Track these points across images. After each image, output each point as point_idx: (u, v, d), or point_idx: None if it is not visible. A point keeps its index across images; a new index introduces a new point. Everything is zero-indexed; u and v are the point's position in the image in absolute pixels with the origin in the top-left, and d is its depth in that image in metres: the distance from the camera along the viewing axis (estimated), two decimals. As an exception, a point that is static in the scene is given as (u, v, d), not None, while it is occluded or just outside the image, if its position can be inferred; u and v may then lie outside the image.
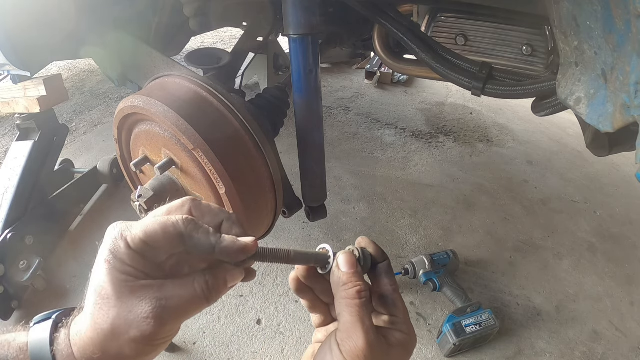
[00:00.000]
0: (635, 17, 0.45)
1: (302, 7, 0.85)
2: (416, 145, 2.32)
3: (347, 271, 0.41)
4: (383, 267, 0.45)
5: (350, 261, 0.42)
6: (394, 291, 0.44)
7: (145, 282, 0.36)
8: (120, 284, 0.35)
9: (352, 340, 0.37)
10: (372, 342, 0.37)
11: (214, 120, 0.86)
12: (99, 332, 0.35)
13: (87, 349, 0.36)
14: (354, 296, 0.39)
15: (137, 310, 0.35)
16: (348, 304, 0.39)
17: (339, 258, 0.42)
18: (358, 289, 0.40)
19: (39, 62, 1.11)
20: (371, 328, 0.38)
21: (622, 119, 0.52)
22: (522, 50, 1.11)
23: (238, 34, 3.85)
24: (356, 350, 0.37)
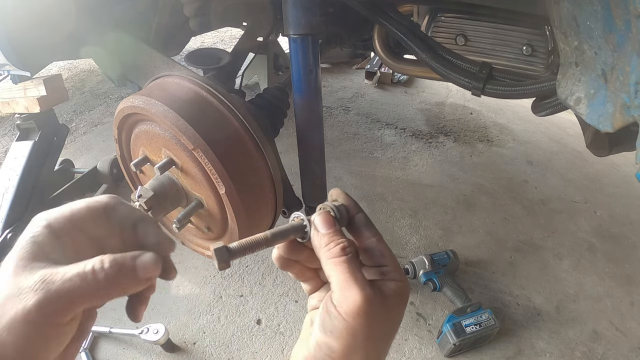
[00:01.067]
0: (635, 17, 0.45)
1: (302, 7, 0.85)
2: (416, 145, 2.32)
3: (326, 231, 0.40)
4: (360, 220, 0.43)
5: (326, 220, 0.41)
6: (378, 241, 0.42)
7: (46, 263, 0.33)
8: (22, 262, 0.33)
9: (349, 298, 0.36)
10: (369, 296, 0.36)
11: (214, 120, 0.86)
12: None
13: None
14: (339, 254, 0.38)
15: (24, 283, 0.32)
16: (335, 263, 0.38)
17: (315, 220, 0.41)
18: (342, 246, 0.38)
19: (39, 62, 1.11)
20: (365, 282, 0.37)
21: (622, 119, 0.52)
22: (522, 50, 1.11)
23: (238, 34, 3.85)
24: (355, 307, 0.35)
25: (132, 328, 1.28)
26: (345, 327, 0.35)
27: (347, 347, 0.35)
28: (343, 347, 0.35)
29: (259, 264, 1.55)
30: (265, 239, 0.40)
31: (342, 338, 0.35)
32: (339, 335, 0.35)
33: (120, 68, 1.14)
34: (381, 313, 0.37)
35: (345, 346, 0.35)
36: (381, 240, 0.42)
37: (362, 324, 0.35)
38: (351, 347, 0.35)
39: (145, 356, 1.24)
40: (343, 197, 0.45)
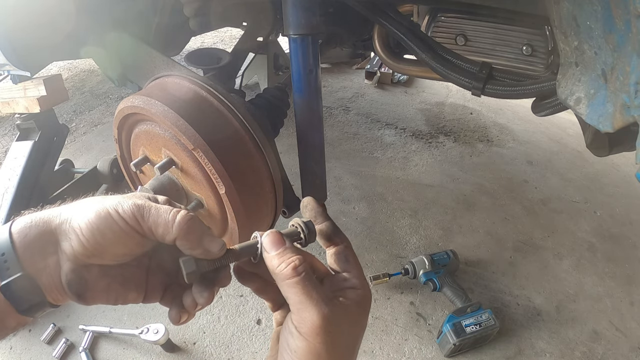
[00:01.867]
0: (635, 17, 0.45)
1: (302, 7, 0.85)
2: (416, 145, 2.32)
3: (275, 252, 0.40)
4: (327, 229, 0.45)
5: (274, 241, 0.41)
6: (345, 247, 0.43)
7: None
8: (109, 232, 0.38)
9: (307, 319, 0.36)
10: (326, 315, 0.36)
11: (214, 120, 0.86)
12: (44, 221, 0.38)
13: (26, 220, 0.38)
14: (291, 274, 0.38)
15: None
16: (289, 285, 0.38)
17: (263, 241, 0.41)
18: (292, 266, 0.38)
19: (39, 62, 1.11)
20: (321, 300, 0.37)
21: (622, 119, 0.52)
22: (522, 50, 1.11)
23: (238, 34, 3.84)
24: (314, 327, 0.36)
25: (132, 328, 1.28)
26: (307, 346, 0.36)
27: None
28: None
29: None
30: (220, 258, 0.41)
31: (305, 357, 0.37)
32: (302, 355, 0.37)
33: (120, 68, 1.14)
34: (342, 326, 0.38)
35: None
36: (348, 247, 0.44)
37: (323, 341, 0.36)
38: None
39: (145, 356, 1.24)
40: (312, 206, 0.46)
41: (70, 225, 0.38)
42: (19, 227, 0.37)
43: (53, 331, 1.29)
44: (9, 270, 0.35)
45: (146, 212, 0.39)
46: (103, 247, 0.38)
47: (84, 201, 0.40)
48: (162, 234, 0.39)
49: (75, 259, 0.38)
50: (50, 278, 0.37)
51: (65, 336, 1.29)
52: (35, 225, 0.38)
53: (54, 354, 1.23)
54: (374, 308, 1.39)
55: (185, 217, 0.39)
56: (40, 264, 0.37)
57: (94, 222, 0.37)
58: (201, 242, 0.39)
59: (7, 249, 0.36)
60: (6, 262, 0.36)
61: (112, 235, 0.38)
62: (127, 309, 1.38)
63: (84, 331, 1.29)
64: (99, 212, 0.38)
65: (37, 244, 0.37)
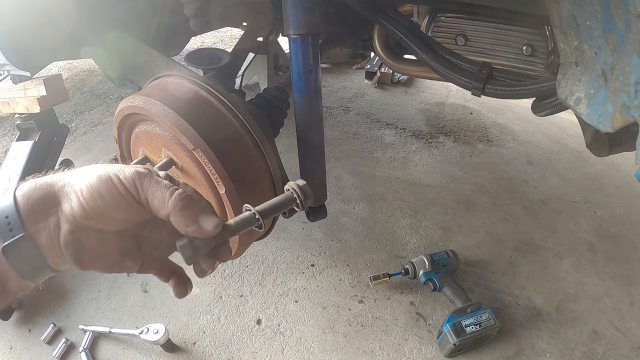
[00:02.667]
0: (635, 17, 0.45)
1: (302, 7, 0.85)
2: (416, 145, 2.32)
3: None
4: None
5: None
6: None
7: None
8: (108, 195, 0.38)
9: None
10: None
11: (214, 120, 0.86)
12: (43, 187, 0.39)
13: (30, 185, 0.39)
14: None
15: (70, 200, 0.39)
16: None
17: None
18: None
19: (39, 62, 1.11)
20: None
21: (622, 119, 0.52)
22: (522, 50, 1.11)
23: (238, 34, 3.84)
24: None
25: (132, 328, 1.28)
26: None
27: None
28: None
29: (259, 264, 1.55)
30: (217, 235, 0.40)
31: None
32: None
33: (120, 68, 1.14)
34: None
35: None
36: None
37: None
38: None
39: (145, 356, 1.24)
40: None
41: (72, 188, 0.39)
42: (23, 191, 0.38)
43: (53, 331, 1.29)
44: (11, 232, 0.36)
45: (146, 182, 0.39)
46: (101, 210, 0.38)
47: (88, 167, 0.41)
48: (157, 207, 0.39)
49: (74, 220, 0.38)
50: (50, 239, 0.38)
51: (65, 336, 1.29)
52: (39, 187, 0.38)
53: (54, 354, 1.23)
54: (374, 308, 1.39)
55: (181, 194, 0.39)
56: (41, 224, 0.38)
57: (94, 185, 0.38)
58: (196, 220, 0.39)
59: (10, 211, 0.37)
60: (9, 224, 0.36)
61: (110, 199, 0.38)
62: (127, 309, 1.39)
63: (84, 331, 1.29)
64: (101, 176, 0.39)
65: (39, 206, 0.38)
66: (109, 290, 1.45)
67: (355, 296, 1.43)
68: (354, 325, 1.33)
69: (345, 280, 1.49)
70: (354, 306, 1.39)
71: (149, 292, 1.45)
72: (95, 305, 1.40)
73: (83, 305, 1.40)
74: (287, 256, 1.58)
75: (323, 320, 1.35)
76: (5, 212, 0.37)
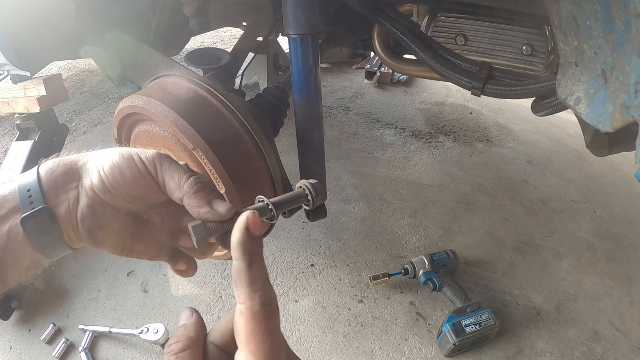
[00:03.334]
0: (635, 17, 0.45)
1: (302, 7, 0.85)
2: (416, 145, 2.32)
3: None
4: None
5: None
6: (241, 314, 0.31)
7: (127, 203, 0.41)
8: (128, 171, 0.39)
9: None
10: None
11: (214, 120, 0.86)
12: (67, 165, 0.40)
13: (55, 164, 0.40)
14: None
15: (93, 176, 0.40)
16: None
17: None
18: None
19: (39, 62, 1.11)
20: None
21: (622, 119, 0.52)
22: (522, 50, 1.11)
23: (238, 34, 3.84)
24: None
25: (132, 328, 1.28)
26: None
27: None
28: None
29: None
30: (229, 221, 0.40)
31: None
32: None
33: (120, 68, 1.14)
34: None
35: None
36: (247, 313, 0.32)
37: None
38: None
39: (145, 356, 1.24)
40: None
41: (94, 164, 0.40)
42: (47, 167, 0.39)
43: (53, 331, 1.29)
44: (32, 205, 0.37)
45: (166, 164, 0.41)
46: (119, 186, 0.39)
47: (113, 148, 0.42)
48: (173, 189, 0.40)
49: (93, 194, 0.39)
50: (69, 212, 0.39)
51: (65, 336, 1.29)
52: (63, 164, 0.40)
53: (54, 354, 1.23)
54: (374, 308, 1.39)
55: (197, 178, 0.41)
56: (62, 198, 0.39)
57: (116, 161, 0.39)
58: (209, 202, 0.40)
59: (33, 185, 0.38)
60: (31, 197, 0.37)
61: (130, 175, 0.39)
62: (127, 309, 1.39)
63: (84, 331, 1.29)
64: (123, 154, 0.40)
65: (61, 181, 0.39)
66: (109, 290, 1.45)
67: (355, 296, 1.43)
68: (354, 325, 1.33)
69: (345, 280, 1.49)
70: (354, 306, 1.39)
71: (149, 292, 1.45)
72: (95, 305, 1.40)
73: (83, 305, 1.40)
74: (287, 256, 1.58)
75: (323, 320, 1.35)
76: (27, 186, 0.38)
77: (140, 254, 0.44)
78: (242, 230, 0.31)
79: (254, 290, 0.30)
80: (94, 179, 0.39)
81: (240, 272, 0.30)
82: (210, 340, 0.34)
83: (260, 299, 0.29)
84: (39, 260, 0.39)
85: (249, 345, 0.29)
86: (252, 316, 0.29)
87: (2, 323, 1.33)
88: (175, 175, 0.40)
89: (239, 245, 0.31)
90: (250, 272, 0.30)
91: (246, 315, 0.29)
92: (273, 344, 0.29)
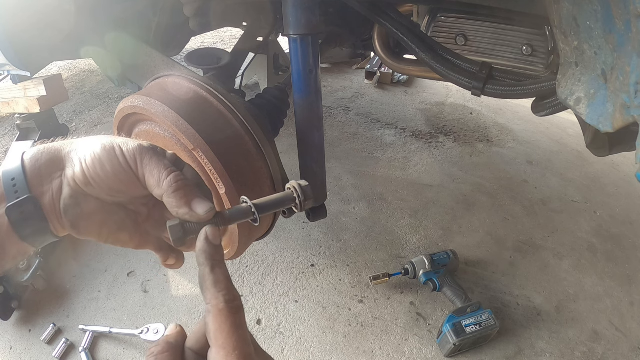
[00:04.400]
0: (635, 17, 0.45)
1: (302, 7, 0.85)
2: (416, 145, 2.32)
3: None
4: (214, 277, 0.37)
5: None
6: (210, 314, 0.34)
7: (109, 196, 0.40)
8: (108, 164, 0.38)
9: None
10: None
11: (214, 120, 0.86)
12: (51, 151, 0.39)
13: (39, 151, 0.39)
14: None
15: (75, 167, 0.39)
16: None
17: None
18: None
19: (39, 62, 1.11)
20: None
21: (622, 119, 0.52)
22: (522, 50, 1.11)
23: (238, 34, 3.84)
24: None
25: (132, 328, 1.28)
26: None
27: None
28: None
29: (259, 264, 1.55)
30: (209, 222, 0.39)
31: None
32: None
33: (120, 68, 1.14)
34: None
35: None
36: (217, 314, 0.34)
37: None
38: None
39: (145, 356, 1.24)
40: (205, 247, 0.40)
41: (77, 154, 0.39)
42: (31, 154, 0.39)
43: (53, 331, 1.29)
44: (16, 194, 0.36)
45: (146, 158, 0.39)
46: (100, 179, 0.38)
47: (97, 136, 0.41)
48: (152, 186, 0.39)
49: (75, 184, 0.38)
50: (52, 201, 0.38)
51: (65, 336, 1.29)
52: (47, 152, 0.39)
53: (54, 354, 1.23)
54: (374, 308, 1.39)
55: (177, 176, 0.39)
56: (46, 187, 0.38)
57: (97, 153, 0.39)
58: (188, 203, 0.39)
59: (17, 173, 0.37)
60: (15, 185, 0.37)
61: (111, 168, 0.38)
62: (127, 309, 1.39)
63: (84, 331, 1.29)
64: (105, 145, 0.39)
65: (45, 169, 0.38)
66: (109, 290, 1.45)
67: (355, 296, 1.43)
68: (354, 325, 1.33)
69: (345, 280, 1.49)
70: (354, 306, 1.39)
71: (149, 292, 1.45)
72: (95, 305, 1.40)
73: (83, 305, 1.40)
74: (287, 256, 1.58)
75: (323, 320, 1.35)
76: (12, 174, 0.37)
77: (124, 242, 0.44)
78: (202, 240, 0.37)
79: (217, 290, 0.34)
80: (76, 169, 0.38)
81: (204, 275, 0.35)
82: (187, 345, 0.37)
83: (223, 297, 0.33)
84: (25, 249, 0.38)
85: (217, 340, 0.32)
86: (218, 313, 0.33)
87: (2, 323, 1.33)
88: (154, 171, 0.39)
89: (202, 252, 0.36)
90: (213, 275, 0.34)
91: (213, 313, 0.33)
92: (239, 337, 0.32)
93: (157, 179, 0.39)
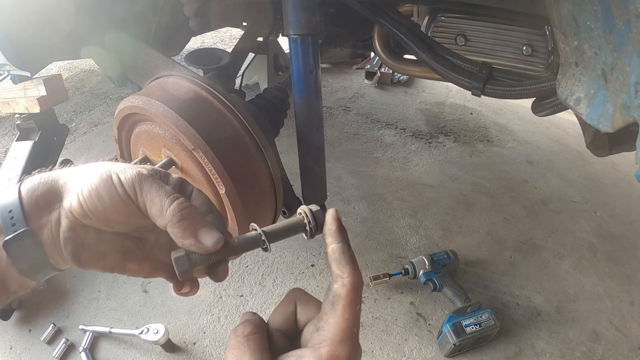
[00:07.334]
0: (635, 17, 0.45)
1: (302, 7, 0.85)
2: (416, 145, 2.32)
3: None
4: (336, 253, 0.38)
5: None
6: (341, 286, 0.35)
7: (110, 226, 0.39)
8: (106, 195, 0.37)
9: None
10: None
11: (214, 120, 0.86)
12: (49, 183, 0.38)
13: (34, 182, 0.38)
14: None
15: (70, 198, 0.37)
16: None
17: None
18: None
19: (39, 62, 1.11)
20: None
21: (622, 119, 0.52)
22: (522, 50, 1.11)
23: (238, 34, 3.84)
24: None
25: (132, 328, 1.28)
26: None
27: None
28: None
29: (259, 264, 1.55)
30: (216, 252, 0.37)
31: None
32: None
33: (120, 68, 1.14)
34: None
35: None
36: (347, 286, 0.36)
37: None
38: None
39: (145, 356, 1.24)
40: (333, 227, 0.40)
41: (74, 184, 0.37)
42: (28, 186, 0.37)
43: (53, 331, 1.29)
44: (14, 227, 0.35)
45: (146, 186, 0.37)
46: (98, 210, 0.36)
47: (94, 163, 0.40)
48: (155, 215, 0.37)
49: (73, 217, 0.37)
50: (51, 235, 0.37)
51: (65, 336, 1.29)
52: (44, 182, 0.37)
53: (54, 354, 1.23)
54: (374, 308, 1.39)
55: (181, 203, 0.37)
56: (44, 219, 0.36)
57: (94, 184, 0.37)
58: (194, 233, 0.37)
59: (14, 206, 0.36)
60: (12, 218, 0.35)
61: (109, 199, 0.36)
62: (127, 309, 1.39)
63: (84, 331, 1.29)
64: (102, 175, 0.37)
65: (43, 201, 0.37)
66: (109, 290, 1.45)
67: (355, 296, 1.43)
68: (354, 325, 1.33)
69: (345, 280, 1.48)
70: (354, 306, 1.39)
71: (149, 292, 1.45)
72: (95, 305, 1.40)
73: (83, 305, 1.40)
74: (287, 256, 1.58)
75: (323, 320, 1.34)
76: (9, 207, 0.35)
77: (133, 272, 0.41)
78: (338, 220, 0.39)
79: (355, 267, 0.36)
80: (73, 202, 0.36)
81: (343, 252, 0.37)
82: (273, 326, 0.38)
83: (359, 274, 0.36)
84: (26, 283, 0.37)
85: (344, 313, 0.34)
86: (354, 288, 0.34)
87: (2, 323, 1.33)
88: (156, 200, 0.36)
89: (339, 231, 0.39)
90: (350, 252, 0.37)
91: (348, 287, 0.34)
92: (359, 313, 0.35)
93: (159, 207, 0.36)
